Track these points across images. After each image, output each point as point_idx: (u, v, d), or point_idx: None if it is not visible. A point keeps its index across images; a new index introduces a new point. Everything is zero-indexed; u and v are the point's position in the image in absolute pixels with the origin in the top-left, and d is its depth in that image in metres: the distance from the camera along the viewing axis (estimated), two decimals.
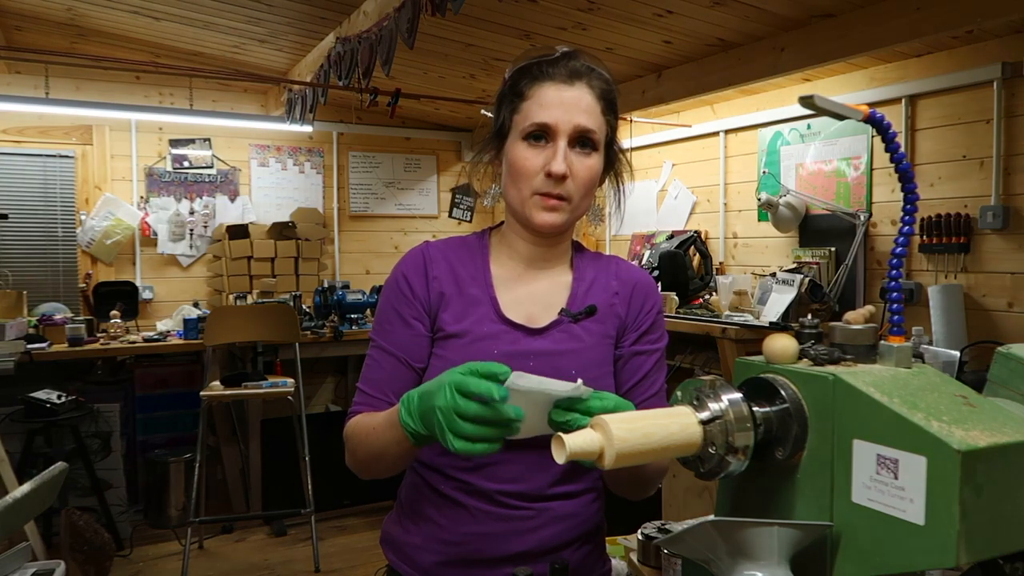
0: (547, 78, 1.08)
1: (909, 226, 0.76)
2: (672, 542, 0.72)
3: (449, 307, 1.13)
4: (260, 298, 4.41)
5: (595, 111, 1.08)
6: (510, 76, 1.13)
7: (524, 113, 1.08)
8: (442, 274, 1.15)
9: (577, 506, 1.14)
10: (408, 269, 1.15)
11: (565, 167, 1.06)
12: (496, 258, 1.19)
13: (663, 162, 4.26)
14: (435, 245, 1.19)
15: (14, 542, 1.41)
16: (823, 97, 0.73)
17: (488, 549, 1.10)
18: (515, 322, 1.12)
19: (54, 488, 1.42)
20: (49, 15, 3.62)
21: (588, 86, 1.08)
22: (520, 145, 1.08)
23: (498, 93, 1.16)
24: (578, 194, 1.09)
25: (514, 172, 1.09)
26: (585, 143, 1.08)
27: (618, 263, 1.23)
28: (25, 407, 3.52)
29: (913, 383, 0.70)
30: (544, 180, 1.07)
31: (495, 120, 1.15)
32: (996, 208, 2.68)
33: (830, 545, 0.70)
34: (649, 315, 1.19)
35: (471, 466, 1.09)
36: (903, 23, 2.52)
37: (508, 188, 1.13)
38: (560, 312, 1.15)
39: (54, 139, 4.24)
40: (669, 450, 0.72)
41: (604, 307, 1.17)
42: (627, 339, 1.17)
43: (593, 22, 2.93)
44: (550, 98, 1.07)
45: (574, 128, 1.06)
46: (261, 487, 4.15)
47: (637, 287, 1.20)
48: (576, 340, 1.13)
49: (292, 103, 4.01)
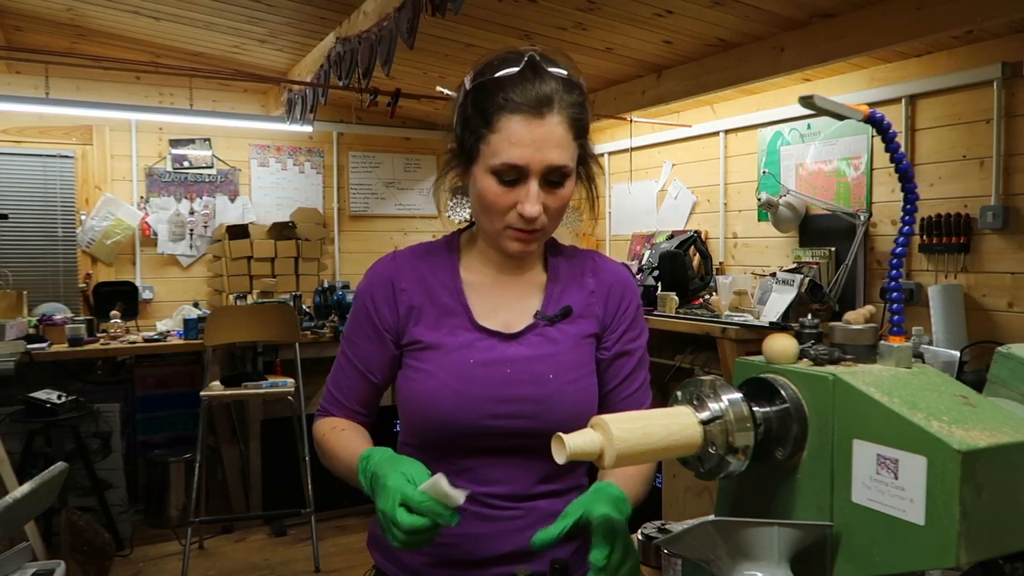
0: (515, 109, 1.01)
1: (909, 226, 0.76)
2: (672, 542, 0.72)
3: (422, 319, 1.12)
4: (260, 298, 4.41)
5: (566, 142, 1.04)
6: (471, 87, 1.07)
7: (493, 147, 1.03)
8: (411, 286, 1.13)
9: (563, 504, 1.12)
10: (375, 285, 1.15)
11: (539, 209, 1.03)
12: (467, 263, 1.17)
13: (663, 162, 4.26)
14: (403, 255, 1.17)
15: (14, 542, 1.42)
16: (823, 97, 0.73)
17: (476, 550, 1.10)
18: (490, 329, 1.11)
19: (54, 488, 1.42)
20: (49, 15, 3.62)
21: (559, 115, 1.02)
22: (489, 179, 1.04)
23: (458, 105, 1.09)
24: (552, 223, 1.08)
25: (485, 205, 1.06)
26: (556, 178, 1.04)
27: (595, 259, 1.21)
28: (25, 407, 3.52)
29: (913, 383, 0.70)
30: (517, 218, 1.05)
31: (459, 136, 1.09)
32: (996, 208, 2.68)
33: (830, 545, 0.70)
34: (628, 313, 1.18)
35: (455, 470, 1.08)
36: (903, 23, 2.52)
37: (480, 214, 1.09)
38: (535, 315, 1.13)
39: (54, 139, 4.24)
40: (669, 450, 0.72)
41: (581, 307, 1.15)
42: (608, 340, 1.16)
43: (593, 22, 2.93)
44: (519, 135, 1.01)
45: (545, 167, 1.02)
46: (261, 487, 4.15)
47: (614, 285, 1.18)
48: (552, 344, 1.12)
49: (292, 103, 4.01)
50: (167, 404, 4.35)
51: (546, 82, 1.03)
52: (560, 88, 1.03)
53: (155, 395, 4.33)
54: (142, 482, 4.21)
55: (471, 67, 1.10)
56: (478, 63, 1.09)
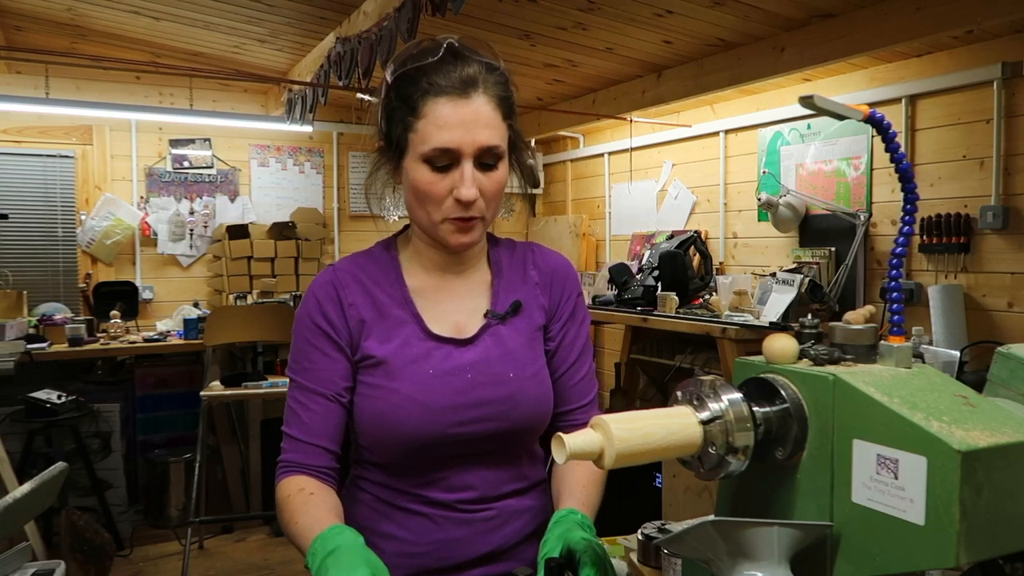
0: (440, 92, 1.00)
1: (909, 226, 0.76)
2: (672, 542, 0.72)
3: (372, 333, 1.08)
4: (260, 298, 4.41)
5: (495, 122, 1.02)
6: (393, 78, 1.05)
7: (421, 134, 1.01)
8: (357, 299, 1.09)
9: (530, 499, 1.15)
10: (321, 299, 1.09)
11: (475, 191, 1.01)
12: (409, 269, 1.13)
13: (663, 162, 4.27)
14: (343, 267, 1.12)
15: (14, 542, 1.41)
16: (823, 97, 0.73)
17: (455, 554, 1.09)
18: (443, 336, 1.09)
19: (54, 488, 1.42)
20: (49, 15, 3.62)
21: (485, 95, 1.01)
22: (422, 168, 1.02)
23: (382, 99, 1.07)
24: (490, 209, 1.06)
25: (420, 196, 1.04)
26: (490, 160, 1.03)
27: (534, 250, 1.21)
28: (25, 407, 3.52)
29: (913, 383, 0.70)
30: (454, 205, 1.02)
31: (385, 130, 1.07)
32: (996, 208, 2.68)
33: (830, 545, 0.70)
34: (570, 300, 1.18)
35: (423, 482, 1.08)
36: (903, 23, 2.52)
37: (415, 209, 1.07)
38: (485, 315, 1.12)
39: (54, 139, 4.24)
40: (669, 450, 0.72)
41: (528, 299, 1.15)
42: (552, 329, 1.16)
43: (593, 22, 2.93)
44: (447, 118, 0.99)
45: (477, 149, 1.01)
46: (261, 487, 4.15)
47: (556, 273, 1.18)
48: (506, 342, 1.11)
49: (292, 103, 4.01)
50: (167, 404, 4.35)
51: (469, 64, 1.02)
52: (483, 70, 1.03)
53: (155, 395, 4.32)
54: (142, 482, 4.21)
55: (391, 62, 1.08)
56: (397, 56, 1.08)
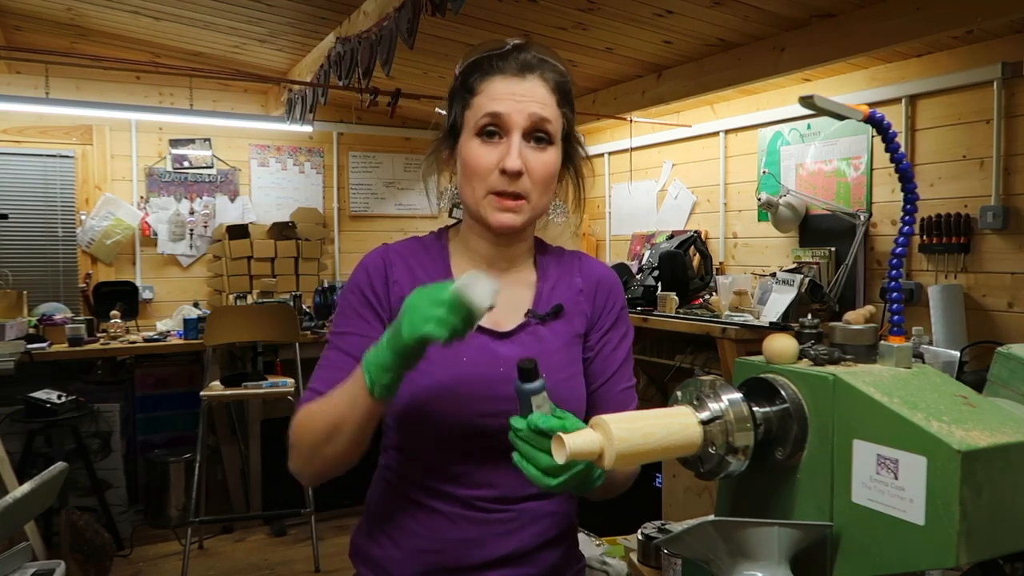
0: (497, 72, 1.04)
1: (909, 226, 0.76)
2: (672, 542, 0.72)
3: None
4: (260, 298, 4.41)
5: (550, 102, 1.05)
6: (460, 72, 1.09)
7: (475, 108, 1.04)
8: (402, 278, 1.11)
9: (554, 504, 1.13)
10: (371, 271, 1.12)
11: (520, 163, 1.02)
12: (456, 260, 1.15)
13: (663, 162, 4.26)
14: (395, 248, 1.15)
15: (14, 542, 1.41)
16: (823, 97, 0.73)
17: (468, 555, 1.07)
18: (482, 326, 1.09)
19: (54, 488, 1.42)
20: (49, 15, 3.62)
21: (541, 78, 1.05)
22: (473, 142, 1.04)
23: (449, 90, 1.12)
24: (535, 191, 1.05)
25: (468, 170, 1.06)
26: (540, 136, 1.04)
27: (581, 259, 1.21)
28: (25, 407, 3.52)
29: (913, 383, 0.70)
30: (499, 178, 1.03)
31: (447, 118, 1.11)
32: (996, 208, 2.68)
33: (830, 545, 0.70)
34: (613, 311, 1.18)
35: (446, 476, 1.07)
36: (903, 23, 2.52)
37: (463, 188, 1.08)
38: (526, 314, 1.12)
39: (54, 139, 4.24)
40: (669, 450, 0.72)
41: (570, 306, 1.15)
42: (593, 336, 1.16)
43: (593, 22, 2.93)
44: (501, 91, 1.03)
45: (528, 119, 1.02)
46: (261, 487, 4.15)
47: (601, 283, 1.18)
48: (544, 342, 1.11)
49: (292, 103, 4.01)
50: (167, 404, 4.35)
51: (531, 54, 1.06)
52: (544, 63, 1.07)
53: (155, 395, 4.32)
54: (142, 482, 4.21)
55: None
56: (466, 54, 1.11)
